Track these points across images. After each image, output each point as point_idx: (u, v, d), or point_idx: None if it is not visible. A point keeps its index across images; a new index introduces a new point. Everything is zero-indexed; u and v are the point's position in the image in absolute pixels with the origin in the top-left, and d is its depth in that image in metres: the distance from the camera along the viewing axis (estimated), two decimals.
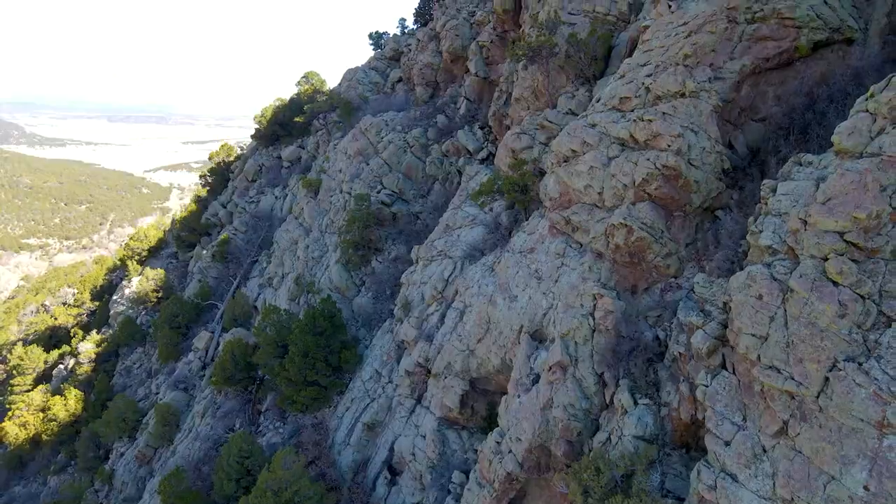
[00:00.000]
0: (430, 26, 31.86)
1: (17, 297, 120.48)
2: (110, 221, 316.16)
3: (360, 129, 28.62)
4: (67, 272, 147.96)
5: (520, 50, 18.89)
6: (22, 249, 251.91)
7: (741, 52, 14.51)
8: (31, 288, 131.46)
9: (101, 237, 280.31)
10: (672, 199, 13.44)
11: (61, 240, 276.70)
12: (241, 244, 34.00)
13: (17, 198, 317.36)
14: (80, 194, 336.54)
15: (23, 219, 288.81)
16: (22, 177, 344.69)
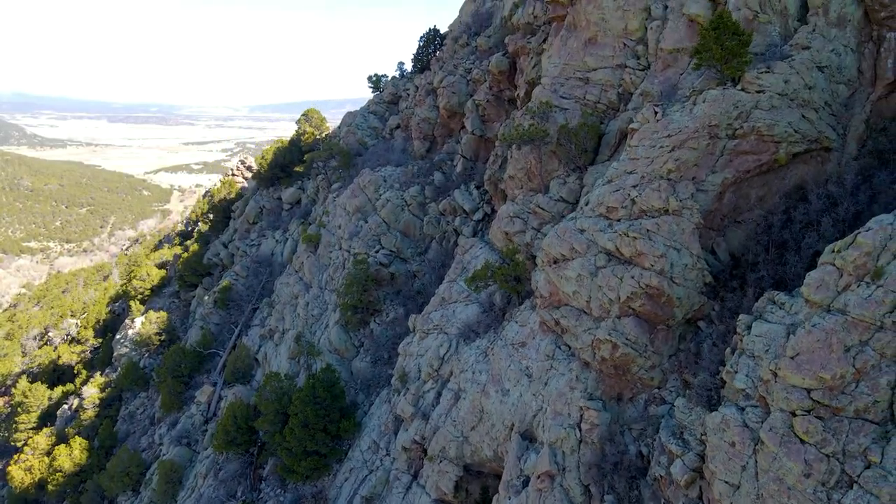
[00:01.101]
0: (428, 79, 32.44)
1: (18, 307, 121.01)
2: (111, 224, 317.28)
3: (359, 186, 29.26)
4: (68, 279, 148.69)
5: (512, 136, 19.51)
6: (23, 253, 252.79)
7: (722, 165, 15.12)
8: (32, 296, 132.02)
9: (102, 240, 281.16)
10: (656, 315, 14.07)
11: (62, 243, 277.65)
12: (241, 290, 34.71)
13: (18, 200, 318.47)
14: (81, 196, 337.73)
15: (24, 222, 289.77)
16: (23, 179, 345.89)
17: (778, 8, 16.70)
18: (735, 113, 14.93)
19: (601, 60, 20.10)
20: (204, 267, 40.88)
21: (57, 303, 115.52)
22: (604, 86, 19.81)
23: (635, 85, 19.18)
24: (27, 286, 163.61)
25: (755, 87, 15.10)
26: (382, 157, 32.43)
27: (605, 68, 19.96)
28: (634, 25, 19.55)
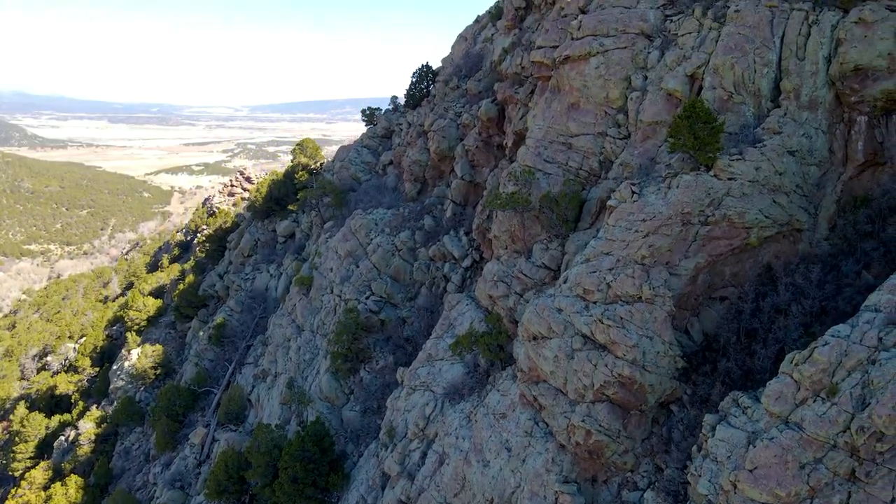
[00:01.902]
0: (420, 119, 32.86)
1: (18, 314, 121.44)
2: (111, 226, 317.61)
3: (351, 230, 29.70)
4: (68, 286, 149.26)
5: (495, 203, 19.95)
6: (23, 255, 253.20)
7: (695, 250, 15.56)
8: (32, 302, 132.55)
9: (103, 242, 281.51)
10: (629, 401, 14.51)
11: (62, 245, 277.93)
12: (236, 325, 35.19)
13: (19, 203, 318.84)
14: (82, 198, 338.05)
15: (24, 224, 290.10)
16: (23, 181, 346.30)
17: (751, 89, 17.12)
18: (707, 200, 15.38)
19: (583, 127, 20.53)
20: (199, 298, 41.36)
21: (56, 316, 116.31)
22: (585, 153, 20.23)
23: (616, 154, 19.61)
24: (27, 292, 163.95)
25: (727, 175, 15.54)
26: (375, 197, 32.86)
27: (587, 135, 20.39)
28: (615, 95, 19.98)
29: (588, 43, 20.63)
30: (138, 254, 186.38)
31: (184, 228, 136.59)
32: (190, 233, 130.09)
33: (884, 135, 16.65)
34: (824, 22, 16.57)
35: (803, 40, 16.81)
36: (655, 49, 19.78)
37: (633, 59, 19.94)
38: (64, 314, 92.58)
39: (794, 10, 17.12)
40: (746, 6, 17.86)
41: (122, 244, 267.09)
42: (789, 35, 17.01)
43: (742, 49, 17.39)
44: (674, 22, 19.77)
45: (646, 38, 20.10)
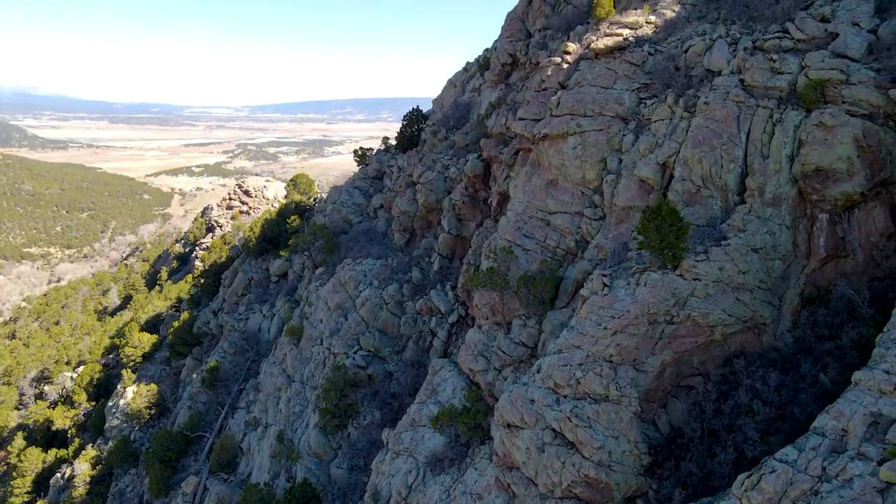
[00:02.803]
0: (409, 170, 33.50)
1: (18, 322, 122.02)
2: (111, 229, 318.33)
3: (340, 281, 30.36)
4: (67, 293, 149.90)
5: (474, 282, 20.60)
6: (24, 259, 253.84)
7: (661, 347, 16.19)
8: (32, 310, 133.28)
9: (103, 245, 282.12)
10: (595, 499, 15.17)
11: (63, 248, 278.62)
12: (229, 368, 35.86)
13: (19, 205, 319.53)
14: (82, 201, 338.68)
15: (24, 227, 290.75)
16: (24, 183, 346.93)
17: (719, 184, 17.76)
18: (672, 301, 16.01)
19: (561, 205, 21.16)
20: (194, 336, 42.07)
21: (55, 329, 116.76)
22: (563, 231, 20.87)
23: (591, 235, 20.24)
24: (27, 299, 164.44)
25: (692, 275, 16.17)
26: (365, 246, 33.48)
27: (564, 213, 21.02)
28: (591, 176, 20.62)
29: (566, 122, 21.28)
30: (138, 260, 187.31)
31: (182, 239, 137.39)
32: (188, 244, 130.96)
33: (845, 230, 17.31)
34: (788, 121, 17.19)
35: (768, 138, 17.43)
36: (630, 132, 20.42)
37: (608, 142, 20.59)
38: (63, 328, 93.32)
39: (760, 107, 17.75)
40: (715, 99, 18.50)
41: (122, 247, 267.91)
42: (755, 132, 17.64)
43: (710, 144, 18.03)
44: (647, 107, 20.40)
45: (621, 120, 20.75)
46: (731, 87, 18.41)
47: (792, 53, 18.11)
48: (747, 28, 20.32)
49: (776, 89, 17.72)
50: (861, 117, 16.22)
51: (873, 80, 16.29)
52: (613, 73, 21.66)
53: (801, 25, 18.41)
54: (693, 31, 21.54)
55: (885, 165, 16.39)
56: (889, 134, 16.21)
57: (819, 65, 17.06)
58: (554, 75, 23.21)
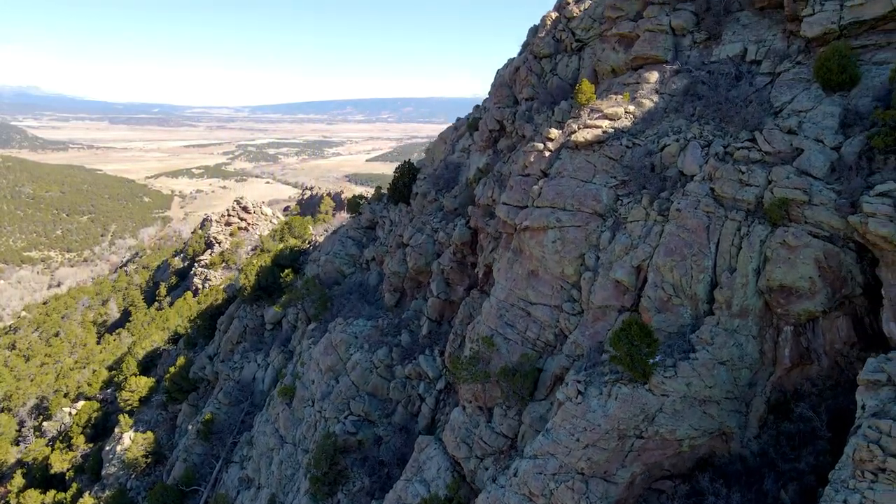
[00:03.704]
0: (400, 230, 34.25)
1: (18, 333, 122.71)
2: (111, 232, 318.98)
3: (332, 344, 31.15)
4: (67, 303, 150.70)
5: (456, 374, 21.38)
6: (24, 263, 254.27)
7: (631, 460, 16.95)
8: (32, 320, 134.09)
9: (103, 249, 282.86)
10: None
11: (63, 252, 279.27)
12: (223, 419, 36.63)
13: (20, 208, 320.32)
14: (82, 204, 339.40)
15: (25, 231, 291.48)
16: (24, 186, 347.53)
17: (689, 293, 18.50)
18: (641, 416, 16.76)
19: (541, 297, 21.91)
20: (190, 382, 42.86)
21: (55, 343, 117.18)
22: (542, 324, 21.61)
23: (569, 329, 20.98)
24: (27, 308, 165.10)
25: (660, 391, 16.92)
26: (356, 305, 34.24)
27: (544, 305, 21.76)
28: (570, 271, 21.36)
29: (546, 216, 22.02)
30: (138, 267, 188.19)
31: (181, 252, 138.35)
32: (187, 258, 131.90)
33: (809, 339, 18.05)
34: (754, 235, 17.92)
35: (735, 251, 18.16)
36: (607, 229, 21.16)
37: (586, 238, 21.33)
38: (62, 346, 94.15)
39: (729, 218, 18.49)
40: (686, 207, 19.25)
41: (122, 250, 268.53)
42: (723, 244, 18.38)
43: (681, 253, 18.77)
44: (624, 205, 21.13)
45: (599, 217, 21.49)
46: (701, 196, 19.16)
47: (759, 165, 18.83)
48: (720, 130, 21.05)
49: (744, 202, 18.45)
50: (822, 239, 16.95)
51: (834, 202, 17.02)
52: (593, 166, 22.41)
53: (769, 137, 19.14)
54: (669, 127, 22.27)
55: (847, 283, 17.13)
56: (849, 255, 16.94)
57: (784, 182, 17.79)
58: (536, 162, 23.96)
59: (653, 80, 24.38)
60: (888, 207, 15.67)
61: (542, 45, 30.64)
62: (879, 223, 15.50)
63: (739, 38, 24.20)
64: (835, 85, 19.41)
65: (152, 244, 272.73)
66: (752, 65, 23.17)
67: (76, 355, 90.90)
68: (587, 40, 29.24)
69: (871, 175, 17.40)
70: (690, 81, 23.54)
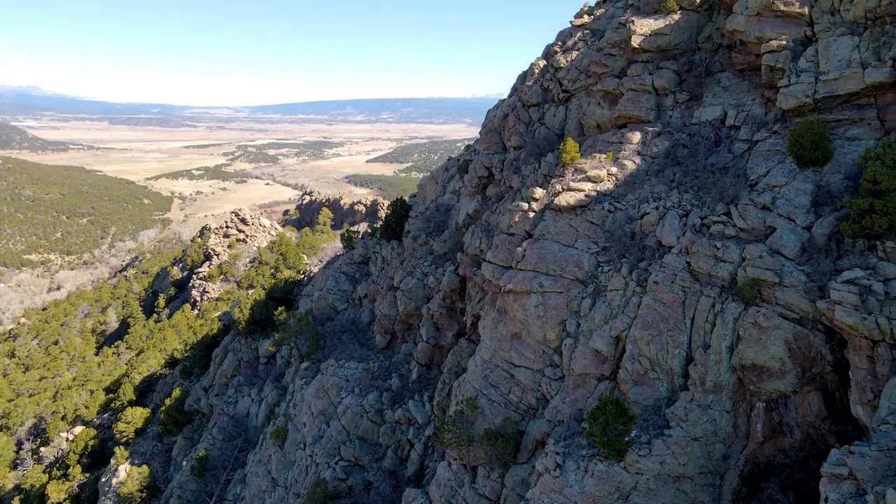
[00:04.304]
0: (391, 273, 34.80)
1: (18, 341, 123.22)
2: (111, 235, 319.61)
3: (324, 387, 31.69)
4: (66, 310, 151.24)
5: (442, 441, 21.93)
6: (24, 265, 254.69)
7: None
8: (32, 326, 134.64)
9: (103, 252, 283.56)
10: None
11: (62, 255, 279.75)
12: (217, 455, 37.16)
13: (20, 211, 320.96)
14: (82, 206, 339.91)
15: (24, 233, 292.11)
16: (24, 188, 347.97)
17: (665, 368, 19.02)
18: (616, 494, 17.29)
19: (524, 360, 22.43)
20: (185, 415, 43.41)
21: (54, 353, 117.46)
22: (525, 387, 22.13)
23: (551, 394, 21.50)
24: (27, 314, 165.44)
25: (635, 469, 17.45)
26: (348, 344, 34.80)
27: (527, 369, 22.29)
28: (552, 336, 21.88)
29: (529, 280, 22.54)
30: (137, 272, 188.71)
31: (180, 261, 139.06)
32: (186, 268, 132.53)
33: (782, 414, 18.59)
34: (728, 313, 18.45)
35: (710, 327, 18.69)
36: (588, 296, 21.67)
37: (567, 304, 21.85)
38: (61, 360, 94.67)
39: (704, 294, 19.01)
40: (663, 280, 19.77)
41: (122, 253, 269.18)
42: (698, 319, 18.90)
43: (657, 328, 19.30)
44: (605, 273, 21.64)
45: (580, 283, 22.01)
46: (678, 270, 19.68)
47: (734, 241, 19.34)
48: (698, 200, 21.55)
49: (719, 278, 18.97)
50: (792, 321, 17.47)
51: (804, 284, 17.53)
52: (575, 230, 22.93)
53: (744, 213, 19.66)
54: (650, 193, 22.79)
55: (816, 362, 17.65)
56: (819, 336, 17.46)
57: (757, 262, 18.31)
58: (521, 222, 24.47)
59: (635, 141, 24.89)
60: (854, 296, 16.19)
61: (531, 93, 31.14)
62: (846, 312, 16.02)
63: (720, 101, 24.71)
64: (808, 161, 19.92)
65: (152, 247, 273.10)
66: (731, 130, 23.68)
67: (75, 370, 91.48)
68: (574, 91, 29.75)
69: (840, 257, 17.90)
70: (671, 144, 24.06)
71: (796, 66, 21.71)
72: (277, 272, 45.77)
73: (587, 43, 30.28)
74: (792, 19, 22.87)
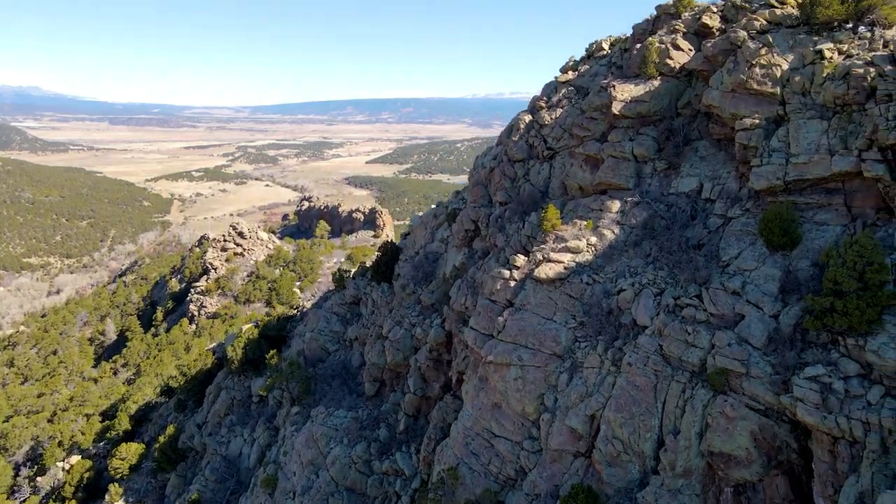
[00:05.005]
0: (379, 320, 35.41)
1: (17, 349, 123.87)
2: (111, 238, 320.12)
3: (313, 437, 32.32)
4: (66, 317, 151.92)
5: None
6: (23, 269, 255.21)
7: None
8: (31, 335, 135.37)
9: (102, 255, 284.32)
10: None
11: (62, 258, 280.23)
12: (210, 498, 37.79)
13: (19, 214, 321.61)
14: (82, 209, 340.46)
15: (24, 237, 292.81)
16: (24, 191, 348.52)
17: (637, 450, 19.61)
18: None
19: (504, 430, 23.02)
20: (178, 453, 44.05)
21: (52, 363, 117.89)
22: (504, 458, 22.72)
23: (528, 468, 22.07)
24: (26, 322, 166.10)
25: None
26: (338, 391, 35.41)
27: (506, 440, 22.88)
28: (530, 409, 22.48)
29: (509, 352, 23.14)
30: (137, 278, 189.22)
31: (179, 272, 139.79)
32: (184, 280, 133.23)
33: (750, 498, 19.17)
34: (697, 399, 19.02)
35: (680, 413, 19.26)
36: (565, 371, 22.26)
37: (545, 379, 22.44)
38: (59, 378, 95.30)
39: (674, 380, 19.58)
40: (637, 362, 20.35)
41: (121, 256, 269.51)
42: (669, 404, 19.48)
43: (630, 411, 19.88)
44: (581, 349, 22.23)
45: (558, 358, 22.60)
46: (651, 353, 20.26)
47: (704, 327, 19.90)
48: (672, 278, 22.12)
49: (689, 363, 19.54)
50: (758, 412, 18.02)
51: (769, 376, 18.09)
52: (554, 303, 23.52)
53: (714, 298, 20.22)
54: (627, 267, 23.36)
55: (782, 451, 18.20)
56: (783, 427, 18.00)
57: (725, 350, 18.86)
58: (503, 290, 25.06)
59: (615, 210, 25.47)
60: (815, 394, 16.76)
61: (516, 148, 31.72)
62: (807, 411, 16.59)
63: (696, 172, 25.28)
64: (777, 245, 20.48)
65: (151, 249, 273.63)
66: (707, 203, 24.25)
67: (72, 386, 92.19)
68: (558, 149, 30.32)
69: (805, 349, 18.46)
70: (649, 215, 24.63)
71: (768, 145, 22.24)
72: (271, 307, 46.31)
73: (571, 101, 30.84)
74: (765, 97, 23.49)
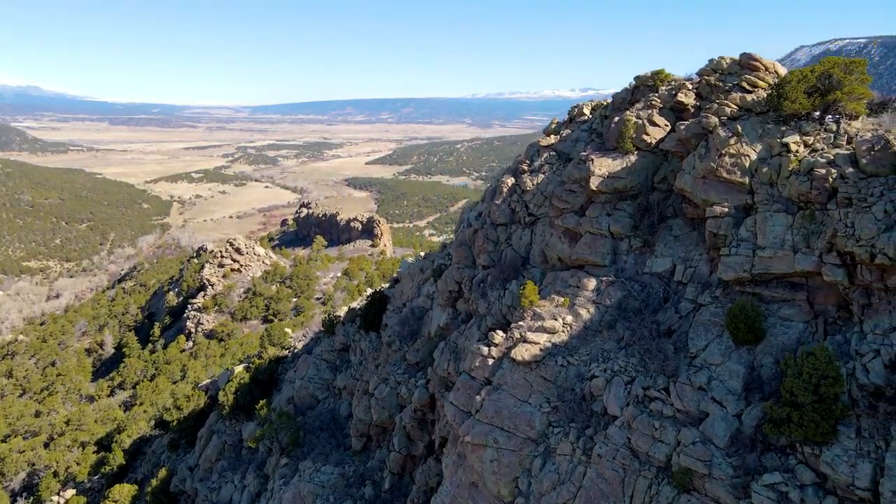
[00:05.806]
0: (367, 377, 36.13)
1: (15, 360, 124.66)
2: (110, 241, 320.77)
3: (300, 494, 33.04)
4: (64, 327, 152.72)
5: None
6: (23, 273, 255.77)
7: None
8: (30, 344, 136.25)
9: (102, 258, 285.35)
10: None
11: (62, 262, 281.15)
12: None
13: (19, 217, 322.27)
14: (81, 211, 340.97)
15: (24, 240, 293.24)
16: (24, 193, 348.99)
17: None
18: None
19: None
20: (170, 497, 44.83)
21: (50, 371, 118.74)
22: None
23: None
24: (25, 330, 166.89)
25: None
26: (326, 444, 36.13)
27: None
28: (505, 492, 23.11)
29: (486, 434, 23.77)
30: (136, 284, 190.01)
31: (177, 285, 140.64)
32: (182, 293, 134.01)
33: None
34: (662, 497, 19.52)
35: None
36: (539, 455, 22.89)
37: (520, 463, 23.07)
38: (56, 396, 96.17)
39: (641, 475, 20.21)
40: (606, 454, 21.00)
41: (120, 260, 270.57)
42: (636, 500, 20.14)
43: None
44: (555, 434, 22.89)
45: (532, 442, 23.25)
46: (619, 446, 20.91)
47: (671, 422, 20.56)
48: (642, 366, 22.76)
49: (656, 459, 20.17)
50: None
51: (731, 479, 18.74)
52: (529, 385, 24.17)
53: (681, 393, 20.88)
54: (601, 350, 24.01)
55: None
56: None
57: (689, 449, 19.53)
58: (481, 368, 25.69)
59: (591, 288, 26.14)
60: (772, 503, 17.47)
61: (499, 212, 32.36)
62: None
63: (670, 252, 25.93)
64: (742, 340, 21.15)
65: (151, 253, 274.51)
66: (679, 285, 24.91)
67: (70, 405, 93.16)
68: (539, 216, 30.96)
69: (765, 452, 19.15)
70: (623, 295, 25.29)
71: (737, 234, 22.92)
72: (262, 349, 47.11)
73: (552, 167, 31.48)
74: (734, 186, 24.13)
